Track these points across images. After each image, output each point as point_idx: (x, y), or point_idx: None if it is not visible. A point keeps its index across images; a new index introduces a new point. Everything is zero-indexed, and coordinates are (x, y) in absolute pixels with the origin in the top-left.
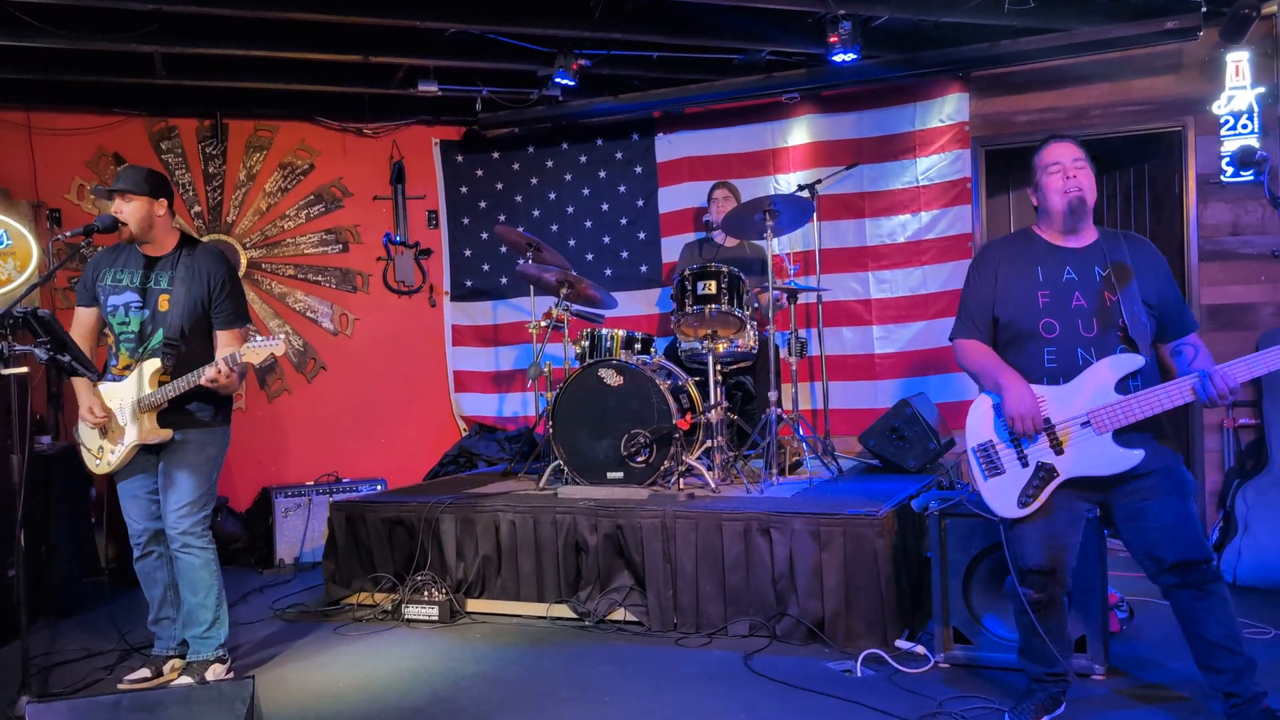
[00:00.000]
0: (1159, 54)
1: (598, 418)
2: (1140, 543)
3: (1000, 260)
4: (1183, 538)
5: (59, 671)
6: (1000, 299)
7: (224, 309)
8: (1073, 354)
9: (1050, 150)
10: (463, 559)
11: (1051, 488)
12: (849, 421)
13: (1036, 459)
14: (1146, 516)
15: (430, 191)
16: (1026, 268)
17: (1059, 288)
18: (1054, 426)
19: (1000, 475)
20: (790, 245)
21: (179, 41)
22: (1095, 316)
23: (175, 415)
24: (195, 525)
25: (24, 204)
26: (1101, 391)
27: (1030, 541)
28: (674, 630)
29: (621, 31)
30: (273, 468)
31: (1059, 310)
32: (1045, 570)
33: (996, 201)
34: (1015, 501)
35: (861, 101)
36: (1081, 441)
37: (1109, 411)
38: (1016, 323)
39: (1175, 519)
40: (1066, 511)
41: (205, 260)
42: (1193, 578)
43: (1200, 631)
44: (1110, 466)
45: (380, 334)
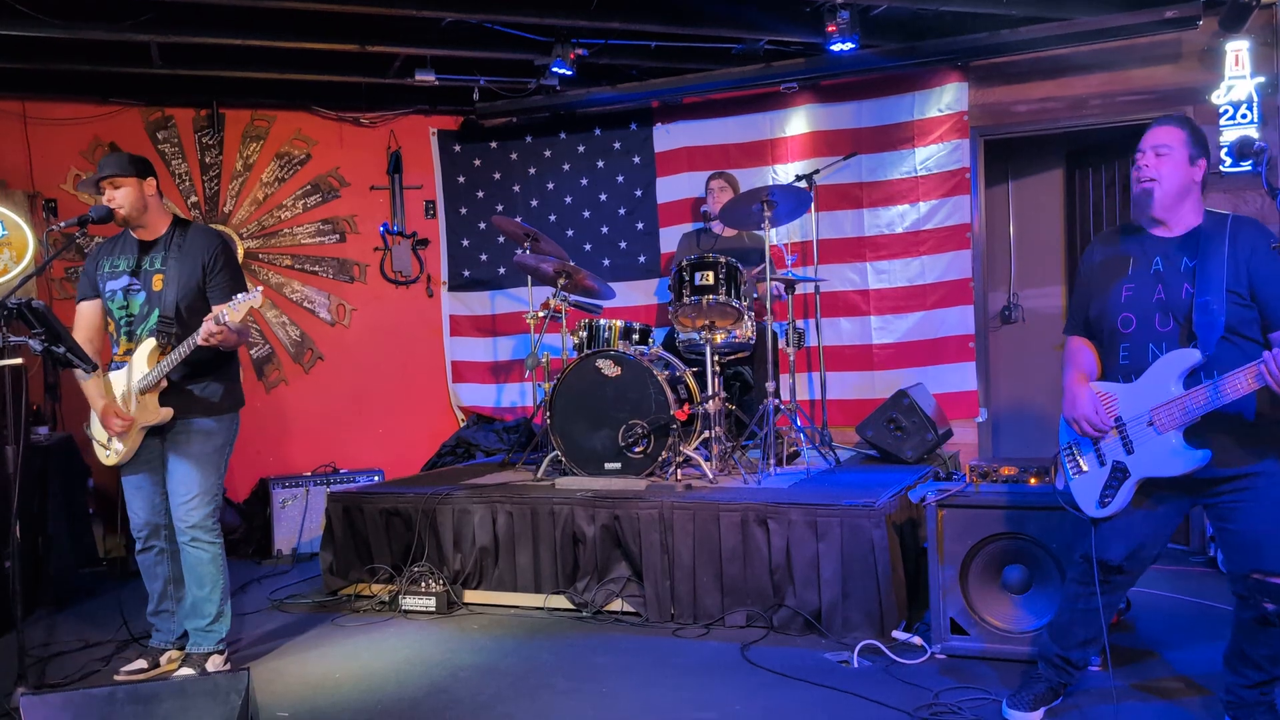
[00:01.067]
0: (1158, 43)
1: (595, 408)
2: (1227, 546)
3: (1097, 253)
4: (1265, 549)
5: (56, 662)
6: (1095, 294)
7: (219, 282)
8: (1144, 350)
9: (1144, 136)
10: (460, 550)
11: (1129, 487)
12: (847, 412)
13: (1112, 459)
14: (1234, 520)
15: (427, 181)
16: (1119, 260)
17: (1144, 280)
18: (1125, 425)
19: (1083, 474)
20: (788, 236)
21: (175, 30)
22: (1173, 311)
23: (179, 399)
24: (205, 518)
25: (20, 194)
26: (1164, 388)
27: (1110, 536)
28: (671, 621)
29: (619, 21)
30: (270, 458)
31: (1139, 304)
32: (1114, 565)
33: (995, 191)
34: (1096, 501)
35: (860, 91)
36: (1148, 440)
37: (1168, 409)
38: (1101, 319)
39: (1264, 527)
40: (1149, 511)
41: (198, 238)
42: (1264, 596)
43: (1243, 644)
44: (1175, 467)
45: (378, 324)
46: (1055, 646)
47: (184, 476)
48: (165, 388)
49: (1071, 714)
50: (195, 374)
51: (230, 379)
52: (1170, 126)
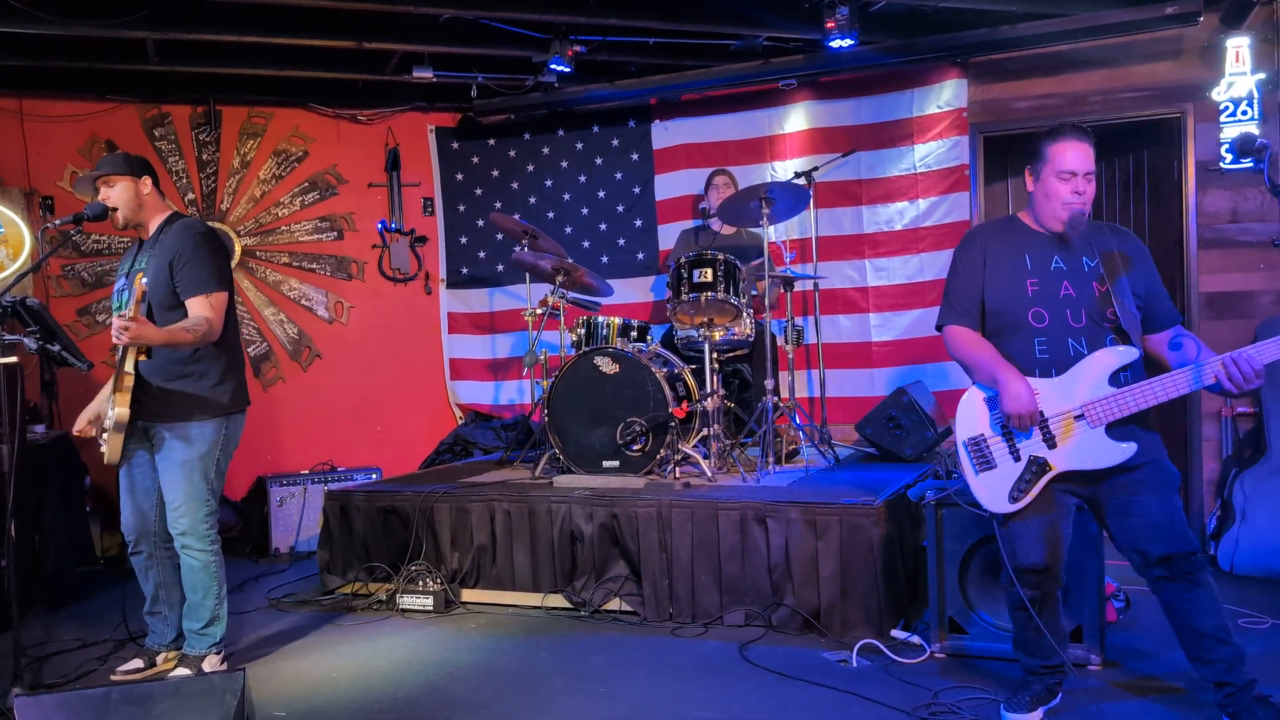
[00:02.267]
0: (1159, 39)
1: (594, 406)
2: (1128, 537)
3: (988, 245)
4: (1170, 531)
5: (52, 662)
6: (989, 285)
7: (183, 276)
8: (1064, 344)
9: (1067, 154)
10: (458, 548)
11: (1044, 482)
12: (846, 410)
13: (1029, 453)
14: (1134, 511)
15: (425, 178)
16: (1015, 255)
17: (1047, 276)
18: (1047, 420)
19: (991, 470)
20: (787, 233)
21: (172, 27)
22: (1084, 306)
23: (157, 404)
24: (195, 524)
25: (16, 191)
26: (1096, 384)
27: (1025, 538)
28: (669, 620)
29: (617, 17)
30: (268, 456)
31: (1048, 299)
32: (1041, 568)
33: (995, 189)
34: (1006, 496)
35: (859, 88)
36: (1075, 435)
37: (1104, 404)
38: (1005, 311)
39: (1163, 513)
40: (1058, 506)
41: (174, 233)
42: (1180, 569)
43: (1190, 623)
44: (1104, 460)
45: (376, 322)
46: (1034, 661)
47: (169, 483)
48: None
49: (1070, 713)
50: (172, 377)
51: (218, 382)
52: (1088, 145)
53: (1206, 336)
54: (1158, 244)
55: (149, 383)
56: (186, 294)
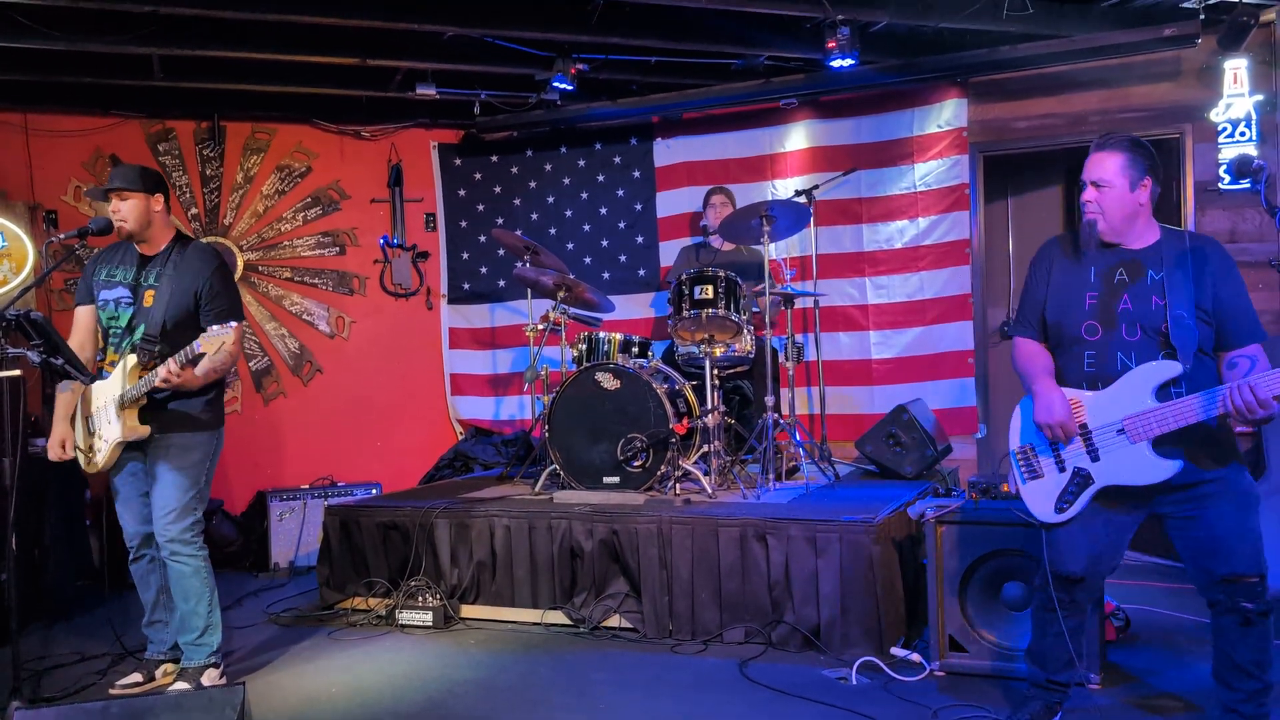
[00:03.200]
0: (1157, 61)
1: (594, 422)
2: (1189, 553)
3: (1055, 257)
4: (1236, 552)
5: (51, 676)
6: (1050, 299)
7: (216, 306)
8: (1112, 358)
9: (1087, 159)
10: (457, 564)
11: (1088, 494)
12: (846, 427)
13: (1074, 464)
14: (1198, 527)
15: (428, 194)
16: (1080, 267)
17: (1109, 289)
18: (1090, 432)
19: (1039, 479)
20: (787, 250)
21: (177, 43)
22: (1140, 320)
23: (159, 414)
24: (183, 532)
25: (20, 205)
26: (1137, 398)
27: (1068, 547)
28: (669, 637)
29: (620, 36)
30: (268, 471)
31: (1104, 313)
32: (1076, 578)
33: (995, 207)
34: (1053, 507)
35: (859, 107)
36: (1116, 449)
37: (1143, 419)
38: (1061, 324)
39: (1231, 528)
40: (1105, 520)
41: (196, 257)
42: (1241, 598)
43: (1228, 650)
44: (1144, 476)
45: (377, 337)
46: (1041, 672)
47: (162, 491)
48: (144, 404)
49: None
50: (176, 391)
51: (212, 397)
52: (1108, 153)
53: None
54: None
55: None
56: (216, 321)
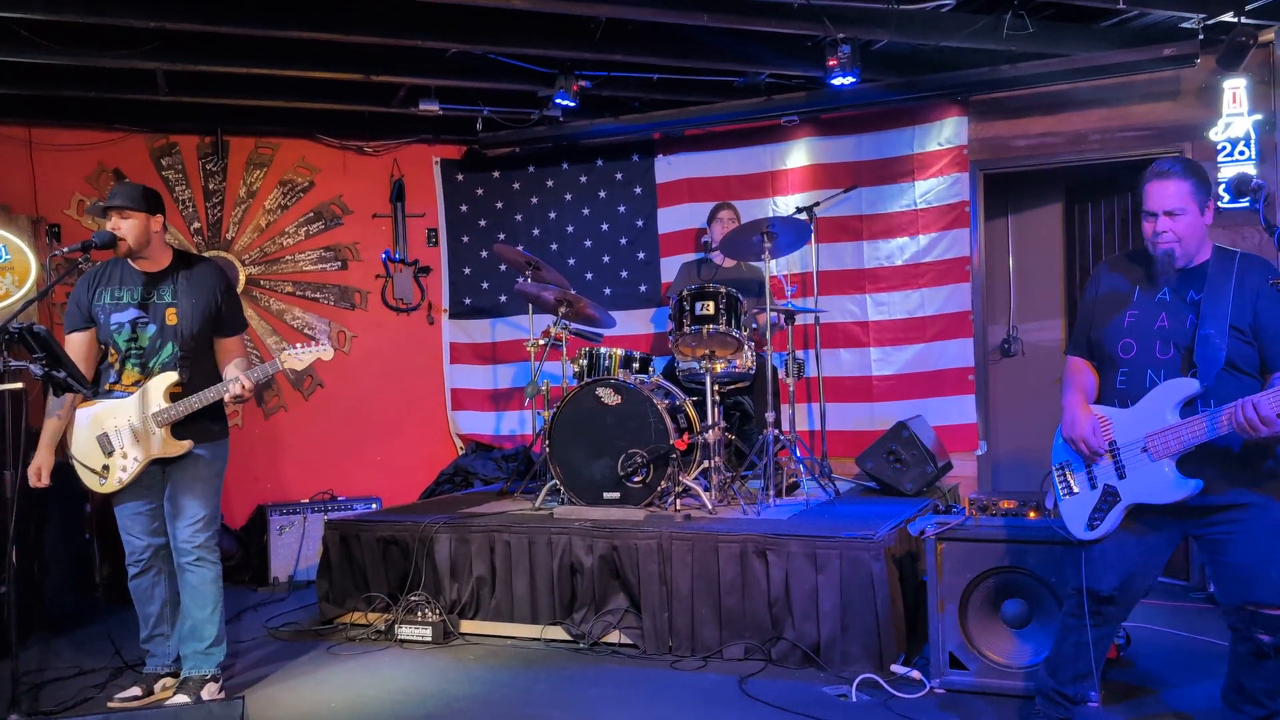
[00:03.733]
0: (1157, 80)
1: (595, 437)
2: (1218, 578)
3: (1103, 278)
4: (1259, 580)
5: (50, 689)
6: (1095, 318)
7: (233, 317)
8: (1142, 376)
9: (1149, 191)
10: (457, 579)
11: (1117, 511)
12: (846, 443)
13: (1103, 481)
14: (1227, 551)
15: (430, 209)
16: (1126, 286)
17: (1149, 308)
18: (1119, 450)
19: (1074, 496)
20: (788, 267)
21: (181, 58)
22: (1174, 339)
23: (189, 428)
24: (209, 540)
25: (23, 219)
26: (1159, 416)
27: (1101, 565)
28: (669, 653)
29: (622, 53)
30: (268, 485)
31: (1141, 331)
32: (1104, 596)
33: (995, 225)
34: (1085, 523)
35: (860, 124)
36: (1141, 466)
37: (1163, 437)
38: (1101, 342)
39: (1256, 558)
40: (1138, 541)
41: (207, 273)
42: (1259, 629)
43: (1241, 678)
44: (1165, 495)
45: (378, 351)
46: (1051, 681)
47: (190, 501)
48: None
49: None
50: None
51: (220, 407)
52: (1178, 181)
53: None
54: None
55: None
56: (232, 331)
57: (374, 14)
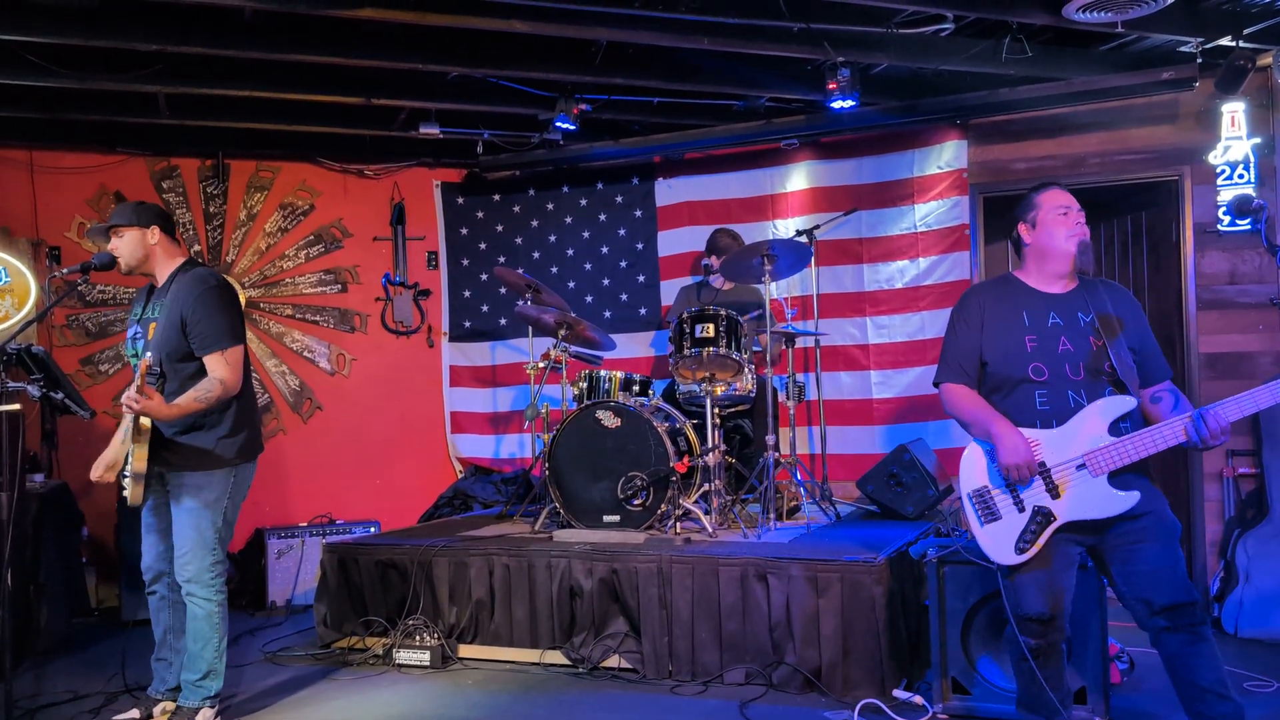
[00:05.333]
0: (1156, 104)
1: (595, 460)
2: (1131, 586)
3: (985, 305)
4: (1173, 580)
5: (44, 715)
6: (987, 344)
7: (197, 333)
8: (1064, 397)
9: (1058, 194)
10: (455, 603)
11: (1049, 532)
12: (847, 467)
13: (1033, 504)
14: (1138, 559)
15: (430, 233)
16: (1012, 312)
17: (1045, 332)
18: (1049, 470)
19: (997, 521)
20: (788, 289)
21: (183, 82)
22: (1081, 360)
23: (174, 451)
24: (201, 573)
25: (24, 241)
26: (1095, 434)
27: (1029, 588)
28: (669, 678)
29: (623, 77)
30: (266, 508)
31: (1046, 354)
32: (1045, 618)
33: (995, 248)
34: (1013, 548)
35: (860, 148)
36: (1078, 484)
37: (1104, 453)
38: (1005, 368)
39: (1165, 562)
40: (1061, 556)
41: (184, 285)
42: (1183, 620)
43: (1191, 677)
44: (1107, 509)
45: (378, 374)
46: (1035, 718)
47: (179, 529)
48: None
49: None
50: (185, 428)
51: (227, 432)
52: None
53: (1207, 397)
54: (1157, 305)
55: (162, 433)
56: (202, 351)
57: (374, 38)
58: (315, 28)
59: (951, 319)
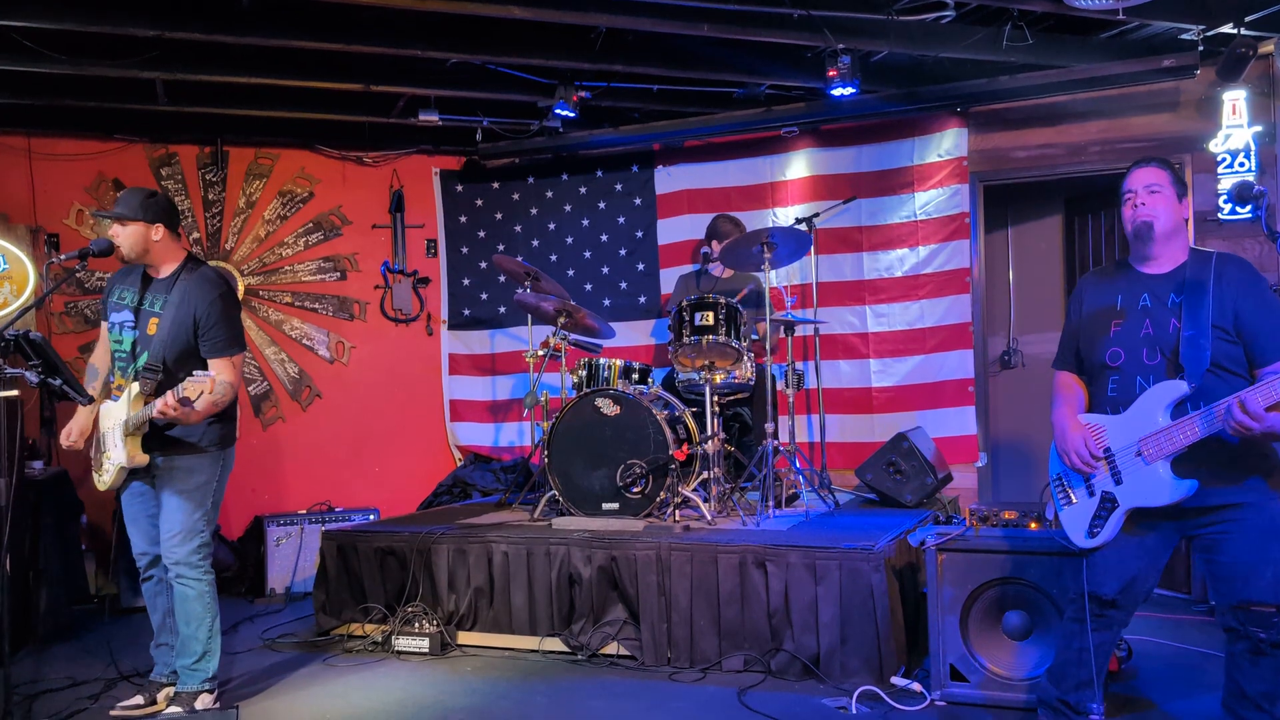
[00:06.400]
0: (1157, 92)
1: (594, 448)
2: (1212, 579)
3: (1086, 290)
4: (1253, 579)
5: (43, 700)
6: (1082, 330)
7: (211, 337)
8: (1132, 382)
9: (1129, 177)
10: (454, 590)
11: (1117, 517)
12: (846, 455)
13: (1101, 489)
14: (1221, 551)
15: (429, 220)
16: (1108, 296)
17: (1133, 315)
18: (1114, 455)
19: (1072, 505)
20: (788, 278)
21: (181, 68)
22: (1159, 344)
23: (162, 438)
24: (190, 555)
25: (22, 228)
26: (1150, 419)
27: (1103, 570)
28: (668, 665)
29: (622, 64)
30: (266, 496)
31: (1127, 338)
32: (1107, 600)
33: (995, 236)
34: (1085, 531)
35: (860, 136)
36: (1136, 471)
37: (1155, 440)
38: (1090, 352)
39: (1251, 557)
40: (1138, 544)
41: (196, 286)
42: (1252, 623)
43: (1240, 681)
44: (1162, 497)
45: (377, 362)
46: (1054, 690)
47: (168, 513)
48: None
49: None
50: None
51: (214, 419)
52: (1155, 167)
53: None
54: None
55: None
56: (213, 355)
57: (373, 24)
58: (314, 14)
59: (1068, 303)
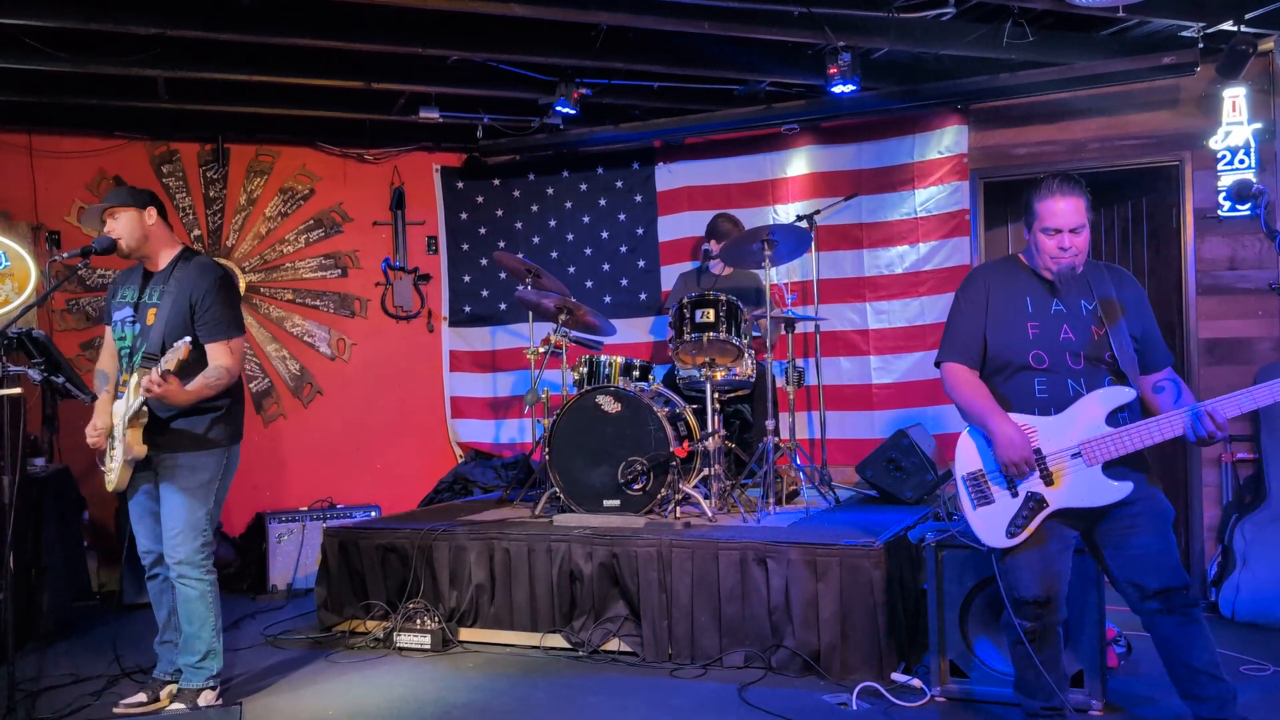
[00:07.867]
0: (1156, 89)
1: (595, 445)
2: (1124, 571)
3: (990, 286)
4: (1164, 565)
5: (46, 697)
6: (991, 326)
7: (206, 320)
8: (1063, 385)
9: (1052, 210)
10: (456, 587)
11: (1041, 518)
12: (846, 451)
13: (1026, 489)
14: (1131, 545)
15: (430, 217)
16: (1016, 297)
17: (1047, 319)
18: (1045, 457)
19: (989, 505)
20: (789, 275)
21: (182, 66)
22: (1082, 349)
23: (164, 434)
24: (192, 554)
25: (23, 225)
26: (1092, 423)
27: (1024, 571)
28: (669, 661)
29: (623, 61)
30: (267, 493)
31: (1048, 342)
32: (1041, 600)
33: (995, 234)
34: (1004, 531)
35: (860, 133)
36: (1072, 473)
37: (1100, 443)
38: (1006, 353)
39: (1158, 547)
40: (1057, 539)
41: (192, 272)
42: (1175, 603)
43: (1185, 659)
44: (1101, 498)
45: (377, 359)
46: (1032, 702)
47: (170, 510)
48: (148, 423)
49: None
50: (181, 411)
51: (221, 413)
52: (1076, 198)
53: (1206, 382)
54: (1157, 290)
55: (155, 415)
56: (208, 339)
57: (374, 22)
58: (315, 12)
59: (956, 298)
